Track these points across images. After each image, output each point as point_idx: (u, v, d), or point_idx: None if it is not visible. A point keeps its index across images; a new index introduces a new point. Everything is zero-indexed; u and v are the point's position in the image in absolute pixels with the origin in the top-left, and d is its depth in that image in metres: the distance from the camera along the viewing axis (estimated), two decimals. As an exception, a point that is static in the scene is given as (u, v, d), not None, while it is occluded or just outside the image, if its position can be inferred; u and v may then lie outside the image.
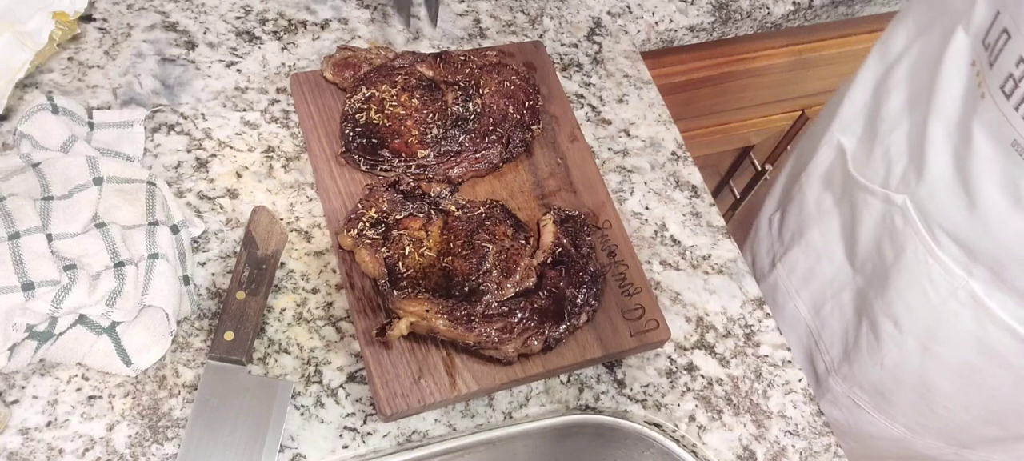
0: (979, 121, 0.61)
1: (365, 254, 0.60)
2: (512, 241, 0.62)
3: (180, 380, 0.56)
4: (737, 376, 0.65)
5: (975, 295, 0.67)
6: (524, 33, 0.81)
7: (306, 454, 0.55)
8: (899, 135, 0.71)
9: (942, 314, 0.70)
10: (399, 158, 0.66)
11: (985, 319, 0.67)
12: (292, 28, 0.75)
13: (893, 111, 0.72)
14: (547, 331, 0.59)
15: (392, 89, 0.69)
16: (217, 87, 0.70)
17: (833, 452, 0.63)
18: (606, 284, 0.64)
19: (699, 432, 0.62)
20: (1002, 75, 0.58)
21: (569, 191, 0.69)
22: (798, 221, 0.86)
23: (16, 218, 0.53)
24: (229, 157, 0.67)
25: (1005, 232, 0.62)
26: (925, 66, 0.67)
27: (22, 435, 0.52)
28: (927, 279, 0.70)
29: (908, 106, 0.70)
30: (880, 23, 1.11)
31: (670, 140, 0.78)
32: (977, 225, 0.64)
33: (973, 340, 0.69)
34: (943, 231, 0.67)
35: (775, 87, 1.15)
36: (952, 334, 0.70)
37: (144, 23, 0.72)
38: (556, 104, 0.74)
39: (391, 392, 0.56)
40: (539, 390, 0.62)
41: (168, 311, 0.55)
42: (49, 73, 0.67)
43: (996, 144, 0.60)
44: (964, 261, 0.67)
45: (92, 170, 0.58)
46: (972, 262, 0.66)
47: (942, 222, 0.67)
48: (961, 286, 0.68)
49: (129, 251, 0.56)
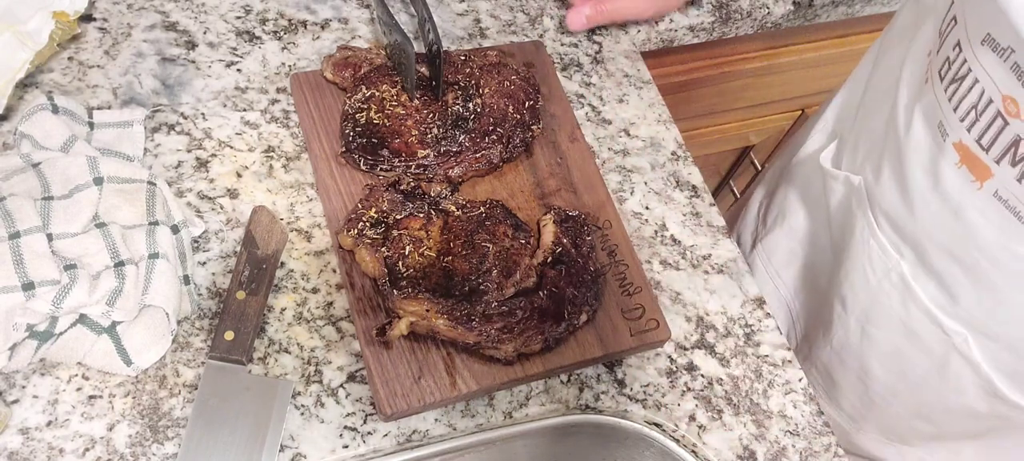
0: (920, 105, 0.63)
1: (365, 254, 0.60)
2: (512, 241, 0.62)
3: (180, 380, 0.56)
4: (737, 376, 0.66)
5: (904, 277, 0.68)
6: (524, 33, 0.81)
7: (306, 454, 0.55)
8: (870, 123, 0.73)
9: (877, 295, 0.71)
10: (399, 158, 0.66)
11: (909, 301, 0.69)
12: (292, 28, 0.75)
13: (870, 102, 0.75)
14: (547, 331, 0.59)
15: (392, 89, 0.69)
16: (217, 87, 0.70)
17: (833, 452, 0.64)
18: (606, 284, 0.64)
19: (699, 432, 0.62)
20: (941, 59, 0.60)
21: (569, 191, 0.69)
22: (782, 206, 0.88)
23: (16, 218, 0.53)
24: (229, 157, 0.67)
25: (925, 214, 0.64)
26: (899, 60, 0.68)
27: (22, 435, 0.52)
28: (867, 259, 0.71)
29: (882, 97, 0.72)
30: (880, 23, 1.12)
31: (670, 140, 0.78)
32: (905, 207, 0.66)
33: (900, 323, 0.71)
34: (882, 212, 0.69)
35: (775, 87, 1.15)
36: (884, 316, 0.72)
37: (144, 23, 0.72)
38: (556, 104, 0.75)
39: (391, 392, 0.56)
40: (539, 390, 0.62)
41: (168, 311, 0.55)
42: (49, 73, 0.67)
43: (927, 126, 0.62)
44: (896, 242, 0.68)
45: (92, 170, 0.58)
46: (902, 243, 0.68)
47: (881, 203, 0.69)
48: (893, 267, 0.69)
49: (129, 251, 0.56)
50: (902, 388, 0.75)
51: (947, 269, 0.64)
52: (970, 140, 0.57)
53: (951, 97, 0.59)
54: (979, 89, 0.56)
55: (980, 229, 0.59)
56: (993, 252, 0.60)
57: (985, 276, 0.62)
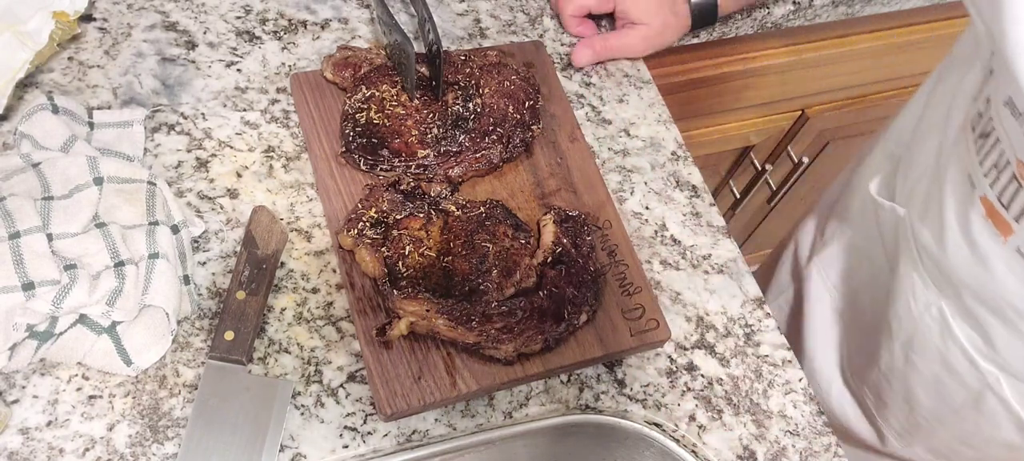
0: (957, 150, 0.63)
1: (365, 254, 0.60)
2: (512, 241, 0.62)
3: (180, 380, 0.56)
4: (737, 376, 0.65)
5: (943, 312, 0.69)
6: (524, 33, 0.81)
7: (306, 454, 0.55)
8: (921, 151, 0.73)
9: (918, 325, 0.72)
10: (399, 158, 0.66)
11: (948, 337, 0.70)
12: (292, 28, 0.75)
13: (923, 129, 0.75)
14: (547, 331, 0.59)
15: (392, 89, 0.69)
16: (217, 87, 0.70)
17: (833, 452, 0.64)
18: (606, 284, 0.64)
19: (699, 432, 0.62)
20: (975, 110, 0.61)
21: (569, 191, 0.69)
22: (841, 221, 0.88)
23: (16, 218, 0.53)
24: (229, 157, 0.67)
25: (958, 259, 0.64)
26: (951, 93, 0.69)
27: (22, 435, 0.52)
28: (911, 291, 0.72)
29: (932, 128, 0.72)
30: (880, 23, 1.12)
31: (670, 140, 0.78)
32: (939, 247, 0.66)
33: (939, 355, 0.72)
34: (923, 247, 0.70)
35: (775, 87, 1.15)
36: (925, 346, 0.73)
37: (144, 23, 0.72)
38: (556, 104, 0.75)
39: (391, 392, 0.56)
40: (539, 390, 0.62)
41: (168, 311, 0.55)
42: (49, 73, 0.67)
43: (961, 173, 0.62)
44: (937, 278, 0.69)
45: (92, 170, 0.58)
46: (941, 280, 0.69)
47: (921, 240, 0.69)
48: (933, 301, 0.70)
49: (129, 251, 0.56)
50: (945, 414, 0.76)
51: (980, 313, 0.65)
52: (993, 196, 0.58)
53: (978, 150, 0.59)
54: (1000, 149, 0.56)
55: (1007, 280, 0.60)
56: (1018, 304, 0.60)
57: (1012, 324, 0.62)
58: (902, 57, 1.20)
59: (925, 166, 0.71)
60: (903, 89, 1.30)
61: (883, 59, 1.19)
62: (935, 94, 0.75)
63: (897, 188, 0.77)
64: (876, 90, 1.28)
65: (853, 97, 1.27)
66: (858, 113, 1.30)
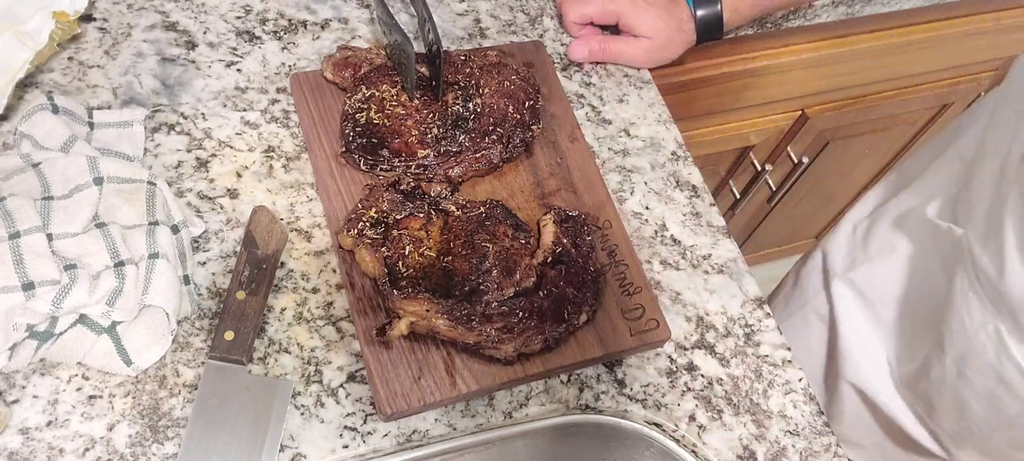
0: (1017, 179, 0.65)
1: (365, 254, 0.60)
2: (512, 241, 0.62)
3: (180, 380, 0.56)
4: (737, 376, 0.65)
5: (1000, 334, 0.70)
6: (524, 33, 0.81)
7: (306, 454, 0.55)
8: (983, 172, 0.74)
9: (973, 343, 0.73)
10: (399, 158, 0.66)
11: (1003, 356, 0.71)
12: (292, 28, 0.75)
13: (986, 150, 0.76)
14: (547, 331, 0.59)
15: (392, 89, 0.69)
16: (217, 87, 0.70)
17: (833, 452, 0.64)
18: (606, 284, 0.64)
19: (699, 432, 0.62)
20: None
21: (569, 191, 0.69)
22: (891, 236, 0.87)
23: (16, 218, 0.53)
24: (229, 157, 0.67)
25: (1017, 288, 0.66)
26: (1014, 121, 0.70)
27: (22, 435, 0.52)
28: (966, 310, 0.73)
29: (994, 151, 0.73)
30: (880, 23, 1.12)
31: (670, 140, 0.78)
32: (1000, 276, 0.68)
33: (994, 372, 0.72)
34: (982, 272, 0.71)
35: (775, 87, 1.15)
36: (979, 362, 0.73)
37: (144, 23, 0.72)
38: (556, 104, 0.75)
39: (391, 392, 0.56)
40: (539, 390, 0.62)
41: (168, 311, 0.55)
42: (49, 73, 0.67)
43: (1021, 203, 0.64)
44: (994, 301, 0.70)
45: (92, 170, 0.58)
46: (998, 304, 0.69)
47: (980, 264, 0.71)
48: (989, 321, 0.71)
49: (129, 251, 0.56)
50: (1000, 423, 0.77)
51: None
52: None
53: None
54: None
55: None
56: None
57: None
58: (902, 57, 1.20)
59: (986, 190, 0.72)
60: (903, 89, 1.30)
61: (883, 59, 1.19)
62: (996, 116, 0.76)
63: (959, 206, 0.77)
64: (876, 90, 1.28)
65: (853, 97, 1.27)
66: (858, 113, 1.30)
